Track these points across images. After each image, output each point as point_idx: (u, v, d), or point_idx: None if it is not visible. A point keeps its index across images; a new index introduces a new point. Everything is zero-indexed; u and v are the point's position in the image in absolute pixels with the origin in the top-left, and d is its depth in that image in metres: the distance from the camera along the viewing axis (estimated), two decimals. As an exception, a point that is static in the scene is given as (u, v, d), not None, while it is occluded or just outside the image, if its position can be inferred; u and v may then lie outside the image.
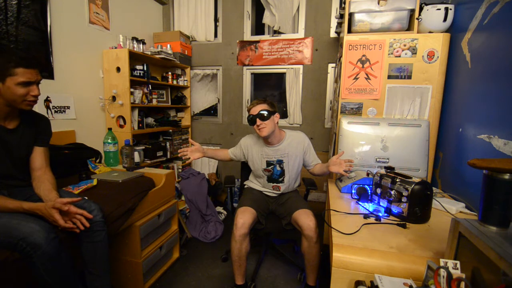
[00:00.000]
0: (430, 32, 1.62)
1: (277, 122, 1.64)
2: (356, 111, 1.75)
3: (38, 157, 1.28)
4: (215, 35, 3.10)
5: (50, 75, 1.88)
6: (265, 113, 1.55)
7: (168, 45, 2.72)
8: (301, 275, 1.80)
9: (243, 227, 1.47)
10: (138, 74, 2.40)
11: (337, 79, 2.15)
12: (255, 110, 1.57)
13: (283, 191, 1.75)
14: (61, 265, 1.03)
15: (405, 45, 1.62)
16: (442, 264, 0.60)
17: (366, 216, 1.09)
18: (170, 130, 2.83)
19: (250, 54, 2.97)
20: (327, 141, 2.81)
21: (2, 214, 1.02)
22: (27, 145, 1.25)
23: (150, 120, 2.67)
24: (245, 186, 1.91)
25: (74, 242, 1.17)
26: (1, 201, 1.05)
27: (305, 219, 1.45)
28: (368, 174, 1.39)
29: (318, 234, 1.46)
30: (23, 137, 1.23)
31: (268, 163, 1.69)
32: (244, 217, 1.50)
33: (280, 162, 1.67)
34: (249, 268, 1.87)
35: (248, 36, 2.99)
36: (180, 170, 2.93)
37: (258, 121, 1.56)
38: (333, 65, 2.72)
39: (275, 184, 1.72)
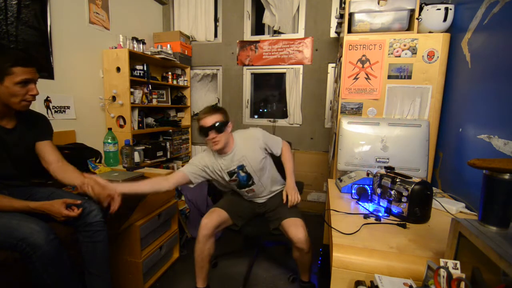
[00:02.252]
0: (430, 32, 1.62)
1: (230, 131, 1.49)
2: (356, 111, 1.75)
3: (49, 151, 1.28)
4: (215, 35, 3.10)
5: (50, 75, 1.87)
6: (220, 125, 1.39)
7: (168, 45, 2.72)
8: (291, 277, 1.78)
9: (205, 228, 1.44)
10: (138, 74, 2.40)
11: (337, 79, 2.15)
12: (208, 122, 1.39)
13: (260, 194, 1.64)
14: (61, 265, 1.03)
15: (405, 45, 1.62)
16: (442, 264, 0.60)
17: (366, 216, 1.09)
18: (170, 130, 2.83)
19: (250, 54, 2.97)
20: (327, 141, 2.81)
21: (2, 214, 1.01)
22: (26, 144, 1.24)
23: (150, 120, 2.67)
24: None
25: (74, 242, 1.17)
26: (7, 201, 1.05)
27: (295, 231, 1.38)
28: (368, 174, 1.39)
29: (310, 243, 1.41)
30: (21, 137, 1.22)
31: (231, 174, 1.53)
32: (209, 218, 1.47)
33: (241, 167, 1.52)
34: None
35: (248, 36, 2.99)
36: (180, 170, 2.93)
37: (212, 134, 1.39)
38: (333, 65, 2.72)
39: (247, 188, 1.60)
